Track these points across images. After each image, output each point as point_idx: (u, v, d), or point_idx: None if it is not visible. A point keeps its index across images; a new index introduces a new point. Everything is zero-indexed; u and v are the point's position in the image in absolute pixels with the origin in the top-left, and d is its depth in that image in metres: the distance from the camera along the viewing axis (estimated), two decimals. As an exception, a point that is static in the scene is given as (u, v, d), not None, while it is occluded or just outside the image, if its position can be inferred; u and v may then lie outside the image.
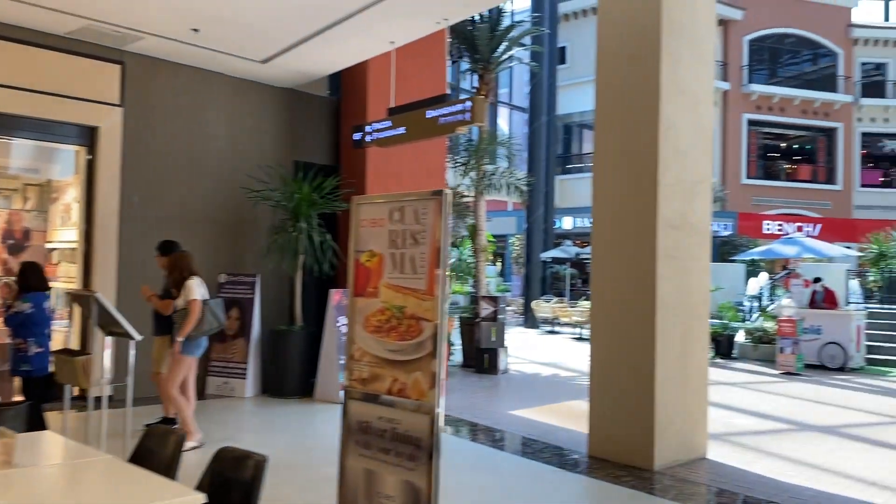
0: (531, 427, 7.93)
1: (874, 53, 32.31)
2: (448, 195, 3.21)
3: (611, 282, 6.72)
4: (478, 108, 6.93)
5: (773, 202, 30.87)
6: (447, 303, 3.16)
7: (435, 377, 3.20)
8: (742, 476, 6.18)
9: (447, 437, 7.47)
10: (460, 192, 11.82)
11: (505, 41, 13.57)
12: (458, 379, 11.18)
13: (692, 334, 6.72)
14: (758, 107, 30.98)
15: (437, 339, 3.19)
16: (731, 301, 17.77)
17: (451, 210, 3.23)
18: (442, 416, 3.26)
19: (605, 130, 6.91)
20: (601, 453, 6.56)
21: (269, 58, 9.00)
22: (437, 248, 3.23)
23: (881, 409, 9.73)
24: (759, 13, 30.74)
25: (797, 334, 13.30)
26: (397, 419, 3.34)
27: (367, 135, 8.29)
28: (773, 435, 7.97)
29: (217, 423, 7.45)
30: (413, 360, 3.28)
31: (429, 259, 3.26)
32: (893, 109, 31.81)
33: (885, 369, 13.87)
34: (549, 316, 20.90)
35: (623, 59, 6.75)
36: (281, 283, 9.57)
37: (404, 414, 3.32)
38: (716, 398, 9.97)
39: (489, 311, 11.96)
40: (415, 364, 3.28)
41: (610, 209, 6.79)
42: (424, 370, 3.24)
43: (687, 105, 6.71)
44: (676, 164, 6.57)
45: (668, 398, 6.36)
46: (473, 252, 13.38)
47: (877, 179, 32.38)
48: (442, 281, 3.19)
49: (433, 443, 3.19)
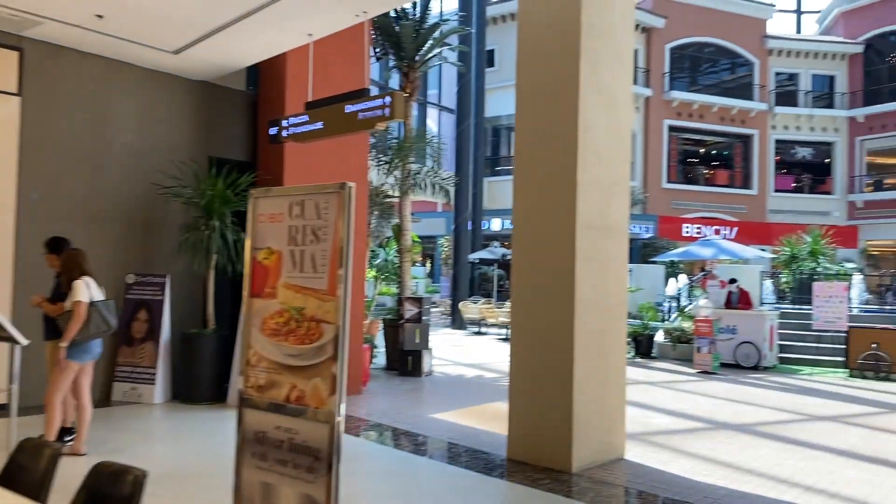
0: (452, 430, 7.79)
1: (787, 64, 33.69)
2: (351, 188, 3.02)
3: (530, 282, 6.65)
4: (397, 103, 6.74)
5: (692, 206, 31.80)
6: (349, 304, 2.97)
7: (336, 383, 3.00)
8: (659, 476, 6.19)
9: (364, 444, 7.26)
10: (384, 191, 11.61)
11: (430, 40, 13.44)
12: (380, 382, 10.96)
13: (610, 334, 6.71)
14: (678, 113, 31.87)
15: (338, 342, 2.99)
16: (651, 301, 18.14)
17: (354, 204, 3.04)
18: (343, 425, 3.05)
19: (525, 131, 6.85)
20: (520, 456, 6.48)
21: (180, 48, 8.59)
22: (339, 246, 3.04)
23: (792, 406, 10.02)
24: (680, 22, 31.63)
25: (713, 334, 13.63)
26: (295, 429, 3.12)
27: (284, 129, 8.01)
28: (690, 434, 8.07)
29: (119, 431, 7.03)
30: (313, 365, 3.08)
31: (330, 257, 3.06)
32: (805, 118, 33.23)
33: (797, 367, 14.36)
34: (477, 317, 20.88)
35: (543, 60, 6.69)
36: (193, 284, 9.16)
37: (302, 423, 3.10)
38: (635, 397, 10.08)
39: (413, 313, 11.79)
40: (314, 369, 3.07)
41: (530, 209, 6.72)
42: (324, 376, 3.04)
43: (606, 106, 6.71)
44: (595, 165, 6.55)
45: (586, 399, 6.33)
46: (399, 253, 13.18)
47: (789, 185, 33.77)
48: (344, 280, 3.00)
49: (333, 454, 2.99)
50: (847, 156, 33.13)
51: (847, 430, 8.43)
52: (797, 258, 20.48)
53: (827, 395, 11.03)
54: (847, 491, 5.92)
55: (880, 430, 8.55)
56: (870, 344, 13.14)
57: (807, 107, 33.27)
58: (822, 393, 11.30)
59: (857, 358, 13.24)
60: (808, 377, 13.21)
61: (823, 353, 14.40)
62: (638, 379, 12.27)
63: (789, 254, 20.81)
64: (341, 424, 3.02)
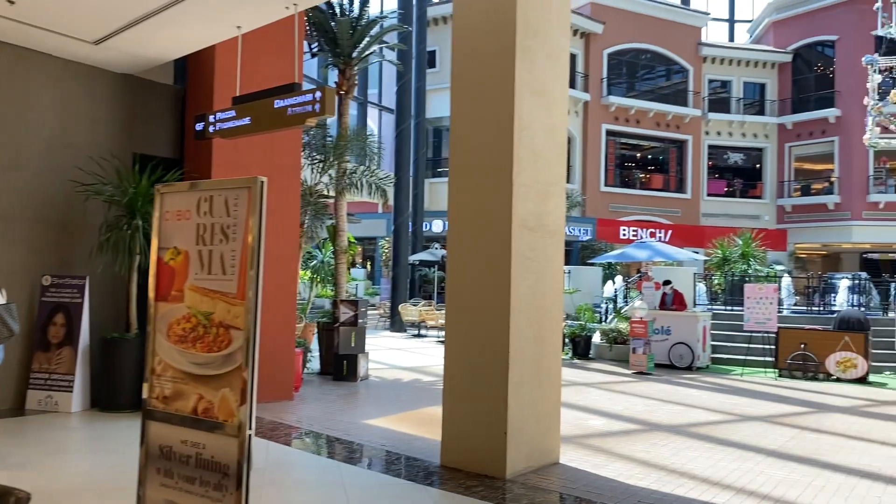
0: (385, 437, 7.59)
1: (720, 71, 34.60)
2: (262, 183, 2.80)
3: (466, 283, 6.51)
4: (328, 98, 6.52)
5: (629, 209, 32.35)
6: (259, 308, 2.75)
7: (246, 394, 2.78)
8: (593, 481, 6.12)
9: (293, 452, 6.99)
10: (318, 190, 11.32)
11: (367, 37, 13.20)
12: (313, 387, 10.67)
13: (546, 336, 6.62)
14: (616, 118, 32.36)
15: (248, 349, 2.77)
16: (589, 303, 18.29)
17: (265, 201, 2.82)
18: (253, 439, 2.83)
19: (460, 130, 6.70)
20: (454, 462, 6.32)
21: (101, 39, 8.17)
22: (250, 245, 2.82)
23: (724, 407, 10.15)
24: (617, 28, 32.13)
25: (648, 335, 13.78)
26: (202, 443, 2.88)
27: (211, 125, 7.68)
28: (625, 436, 8.06)
29: (28, 443, 6.59)
30: (221, 374, 2.84)
31: (240, 257, 2.83)
32: (737, 124, 34.17)
33: (728, 368, 14.64)
34: (416, 319, 20.69)
35: (478, 58, 6.56)
36: (114, 286, 8.73)
37: (210, 437, 2.87)
38: (571, 399, 10.08)
39: (349, 316, 11.53)
40: (223, 379, 2.84)
41: (465, 210, 6.58)
42: (234, 386, 2.81)
43: (542, 106, 6.61)
44: (531, 165, 6.45)
45: (521, 402, 6.21)
46: (334, 254, 12.90)
47: (721, 189, 34.67)
48: (255, 283, 2.78)
49: (242, 469, 2.77)
50: (776, 161, 34.20)
51: (777, 431, 8.55)
52: (729, 260, 21.00)
53: (757, 396, 11.23)
54: (777, 492, 5.95)
55: (808, 429, 8.71)
56: (798, 344, 13.48)
57: (738, 113, 34.22)
58: (753, 393, 11.50)
59: (786, 358, 13.57)
60: (739, 377, 13.46)
61: (754, 353, 14.71)
62: (575, 380, 12.29)
63: (721, 256, 21.33)
64: (252, 438, 2.80)
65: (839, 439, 8.13)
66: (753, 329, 14.03)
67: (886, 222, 30.53)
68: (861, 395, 11.63)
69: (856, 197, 30.97)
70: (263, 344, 9.19)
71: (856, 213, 30.94)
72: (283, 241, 9.61)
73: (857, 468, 6.81)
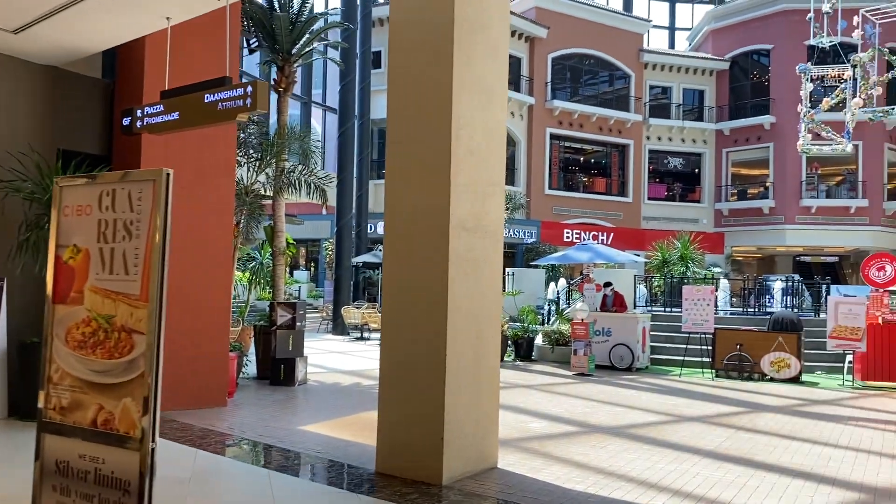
0: (321, 443, 7.37)
1: (661, 77, 35.27)
2: (168, 175, 2.59)
3: (402, 284, 6.35)
4: (260, 93, 6.28)
5: (573, 212, 32.67)
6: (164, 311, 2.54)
7: (149, 403, 2.56)
8: (531, 486, 6.03)
9: (223, 461, 6.72)
10: (255, 189, 11.00)
11: (307, 34, 12.92)
12: (249, 392, 10.35)
13: (484, 338, 6.51)
14: (560, 122, 32.65)
15: (152, 355, 2.55)
16: (532, 305, 18.33)
17: (171, 195, 2.61)
18: (157, 452, 2.61)
19: (397, 127, 6.54)
20: (389, 469, 6.15)
21: (22, 27, 7.73)
22: (154, 243, 2.60)
23: (663, 407, 10.22)
24: (562, 33, 32.43)
25: (589, 337, 13.84)
26: (101, 457, 2.66)
27: (138, 120, 7.34)
28: (564, 438, 8.01)
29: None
30: (122, 382, 2.62)
31: (144, 256, 2.62)
32: (677, 129, 34.86)
33: (667, 368, 14.83)
34: (359, 322, 20.39)
35: (415, 54, 6.41)
36: (34, 288, 8.24)
37: (110, 451, 2.64)
38: (512, 402, 10.02)
39: (287, 319, 11.22)
40: (124, 388, 2.62)
41: (402, 209, 6.42)
42: (136, 395, 2.59)
43: (480, 104, 6.50)
44: (469, 165, 6.33)
45: (458, 406, 6.08)
46: (272, 255, 12.57)
47: (662, 193, 35.33)
48: (159, 284, 2.57)
49: (144, 485, 2.55)
50: (714, 166, 35.01)
51: (713, 431, 8.63)
52: (668, 263, 21.34)
53: (695, 396, 11.37)
54: (713, 493, 5.96)
55: (743, 429, 8.81)
56: (734, 345, 13.72)
57: (678, 119, 34.93)
58: (691, 393, 11.64)
59: (723, 359, 13.80)
60: (677, 378, 13.63)
61: (692, 354, 14.93)
62: (517, 382, 12.25)
63: (661, 259, 21.65)
64: (155, 451, 2.58)
65: (773, 439, 8.24)
66: (691, 330, 14.24)
67: (818, 226, 31.55)
68: (794, 394, 11.89)
69: (789, 201, 31.91)
70: (194, 348, 8.87)
71: (789, 218, 31.88)
72: (216, 241, 9.29)
73: (789, 468, 6.89)
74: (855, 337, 12.98)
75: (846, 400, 11.53)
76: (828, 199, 32.06)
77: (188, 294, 8.84)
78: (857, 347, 13.03)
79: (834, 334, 13.24)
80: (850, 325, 13.03)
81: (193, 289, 8.90)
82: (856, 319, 13.05)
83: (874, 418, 9.93)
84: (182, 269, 8.88)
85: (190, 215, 9.05)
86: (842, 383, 13.15)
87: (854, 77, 17.34)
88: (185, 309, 8.83)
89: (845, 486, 6.34)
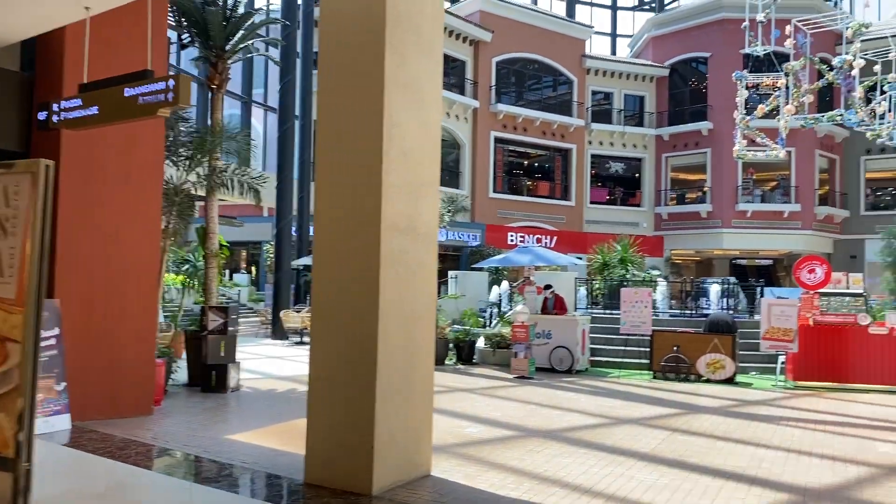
0: (249, 453, 7.08)
1: (603, 83, 35.76)
2: (48, 167, 2.36)
3: (332, 287, 6.13)
4: (182, 87, 5.99)
5: (517, 215, 32.83)
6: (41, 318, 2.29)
7: (24, 419, 2.32)
8: (464, 493, 5.89)
9: (143, 474, 6.35)
10: (185, 189, 10.60)
11: (242, 29, 12.56)
12: (178, 400, 9.97)
13: (417, 343, 6.34)
14: (504, 125, 32.79)
15: (28, 366, 2.31)
16: (474, 308, 18.25)
17: (50, 189, 2.37)
18: (33, 474, 2.37)
19: (326, 127, 6.32)
20: (318, 479, 5.92)
21: (-73, 14, 7.27)
22: (32, 242, 2.36)
23: (600, 410, 10.23)
24: (506, 37, 32.58)
25: (530, 339, 13.82)
26: (-30, 480, 2.40)
27: (55, 114, 6.95)
28: (501, 443, 7.90)
29: None
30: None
31: (20, 256, 2.37)
32: (618, 135, 35.38)
33: (606, 370, 14.92)
34: (299, 326, 19.98)
35: (346, 52, 6.21)
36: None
37: (-21, 472, 2.39)
38: (450, 406, 9.88)
39: (218, 323, 10.85)
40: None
41: (332, 210, 6.20)
42: (9, 410, 2.34)
43: (414, 102, 6.34)
44: (402, 165, 6.16)
45: (389, 413, 5.90)
46: (204, 258, 12.16)
47: (604, 197, 35.81)
48: (37, 287, 2.33)
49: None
50: (654, 171, 35.65)
51: (649, 433, 8.65)
52: (609, 265, 21.55)
53: (632, 398, 11.43)
54: (647, 497, 5.92)
55: (679, 431, 8.86)
56: (671, 347, 13.88)
57: (619, 124, 35.45)
58: (628, 395, 11.70)
59: (660, 360, 13.94)
60: (616, 380, 13.72)
61: (630, 356, 15.07)
62: (456, 386, 12.13)
63: (601, 261, 21.86)
64: (31, 472, 2.34)
65: (708, 440, 8.30)
66: (629, 332, 14.36)
67: (753, 230, 32.38)
68: (729, 395, 12.07)
69: (726, 206, 32.68)
70: (115, 354, 8.46)
71: (726, 221, 32.65)
72: (141, 242, 8.90)
73: (723, 469, 6.91)
74: (787, 338, 13.27)
75: (779, 400, 11.75)
76: (763, 203, 32.94)
77: (109, 298, 8.46)
78: (789, 348, 13.32)
79: (767, 335, 13.51)
80: (783, 327, 13.32)
81: (115, 293, 8.51)
82: (788, 321, 13.34)
83: (805, 418, 10.13)
84: (103, 272, 8.50)
85: (114, 215, 8.66)
86: (775, 384, 13.42)
87: (787, 85, 17.79)
88: (105, 314, 8.44)
89: (776, 487, 6.39)
